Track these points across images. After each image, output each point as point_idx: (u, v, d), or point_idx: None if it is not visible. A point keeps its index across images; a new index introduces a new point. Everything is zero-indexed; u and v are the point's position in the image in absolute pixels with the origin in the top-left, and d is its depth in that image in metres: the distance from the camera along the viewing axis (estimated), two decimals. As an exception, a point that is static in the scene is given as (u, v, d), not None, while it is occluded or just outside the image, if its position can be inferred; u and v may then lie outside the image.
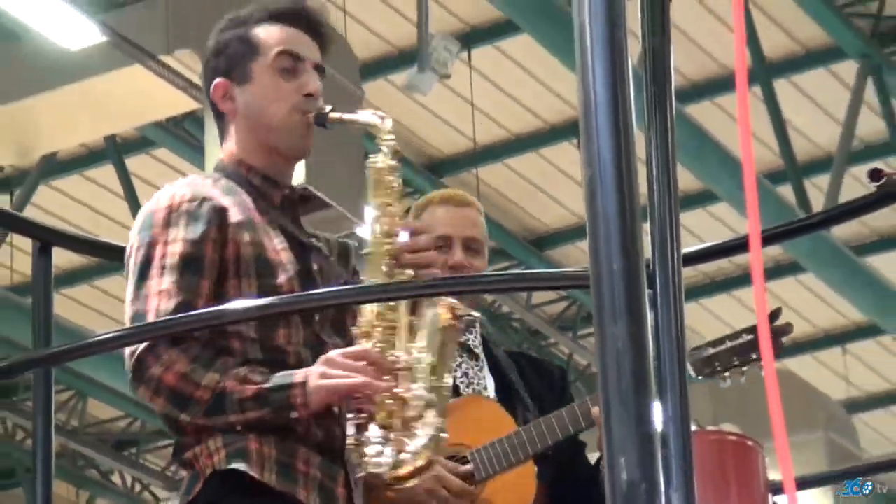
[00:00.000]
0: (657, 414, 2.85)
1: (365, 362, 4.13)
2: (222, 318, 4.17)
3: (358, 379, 4.10)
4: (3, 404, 20.19)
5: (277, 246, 4.38)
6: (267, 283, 4.32)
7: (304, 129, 4.48)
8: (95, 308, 18.25)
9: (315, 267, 4.41)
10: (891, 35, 16.12)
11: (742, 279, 19.15)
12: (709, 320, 19.91)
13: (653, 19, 2.65)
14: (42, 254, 4.94)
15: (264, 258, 4.37)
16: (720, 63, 16.02)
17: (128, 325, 4.30)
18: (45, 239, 5.04)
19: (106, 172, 16.67)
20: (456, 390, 5.14)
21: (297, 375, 4.16)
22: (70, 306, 17.65)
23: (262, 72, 4.52)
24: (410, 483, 4.40)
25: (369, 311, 4.42)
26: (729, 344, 5.03)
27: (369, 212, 4.57)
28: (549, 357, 18.34)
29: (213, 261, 4.31)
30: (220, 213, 4.36)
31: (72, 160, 16.35)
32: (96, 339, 4.71)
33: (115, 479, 21.67)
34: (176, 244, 4.29)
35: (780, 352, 5.16)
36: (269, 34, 4.55)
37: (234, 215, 4.38)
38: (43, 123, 13.18)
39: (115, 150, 16.60)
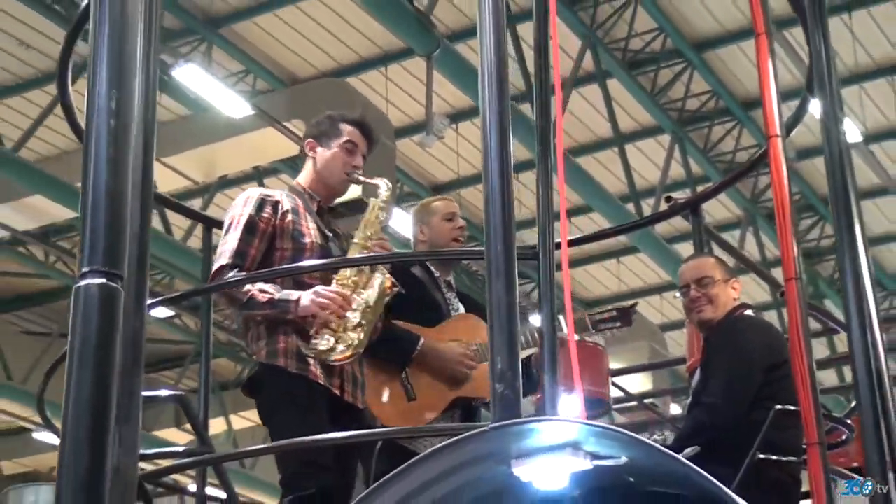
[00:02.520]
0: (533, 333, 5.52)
1: (331, 294, 5.20)
2: (276, 273, 5.25)
3: (323, 302, 5.16)
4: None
5: (309, 226, 5.46)
6: (298, 245, 5.38)
7: (345, 185, 5.74)
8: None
9: (329, 241, 5.50)
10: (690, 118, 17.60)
11: (627, 250, 19.66)
12: (593, 283, 21.32)
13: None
14: (207, 232, 6.49)
15: (298, 230, 5.41)
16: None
17: (217, 258, 5.32)
18: (209, 223, 6.66)
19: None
20: (445, 309, 6.14)
21: (294, 295, 5.18)
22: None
23: (336, 147, 5.65)
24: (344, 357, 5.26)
25: (348, 273, 5.45)
26: (607, 314, 6.19)
27: (362, 224, 5.64)
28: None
29: (263, 229, 5.32)
30: (275, 203, 5.41)
31: (235, 179, 17.82)
32: (224, 281, 5.17)
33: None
34: (244, 216, 5.31)
35: (631, 320, 6.21)
36: (345, 128, 5.67)
37: (285, 206, 5.43)
38: (218, 158, 15.43)
39: (258, 174, 17.90)
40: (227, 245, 5.26)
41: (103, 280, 2.13)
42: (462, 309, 6.11)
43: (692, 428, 5.89)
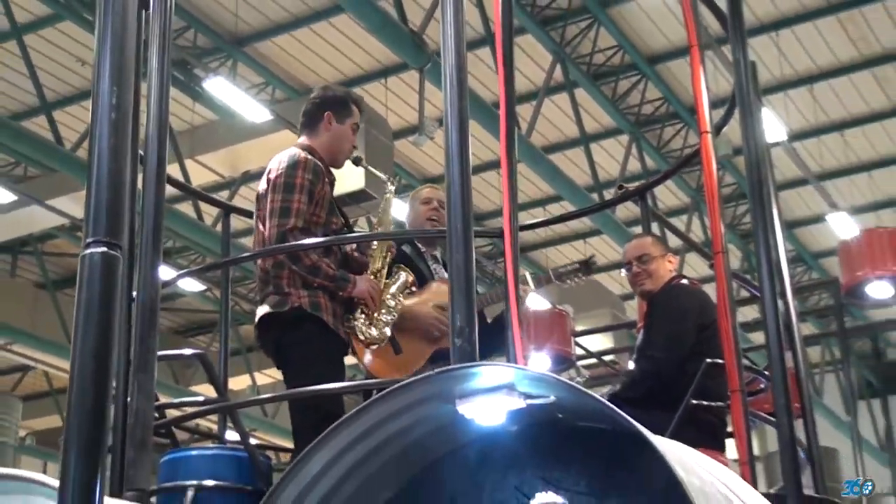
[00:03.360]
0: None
1: (377, 286, 5.36)
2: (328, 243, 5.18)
3: (372, 291, 5.31)
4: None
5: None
6: (330, 212, 5.36)
7: (344, 162, 5.67)
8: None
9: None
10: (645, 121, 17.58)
11: (592, 232, 19.66)
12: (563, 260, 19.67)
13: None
14: (226, 217, 6.33)
15: (330, 200, 5.40)
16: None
17: (277, 212, 5.15)
18: (229, 209, 6.55)
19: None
20: (430, 277, 6.12)
21: (352, 277, 5.26)
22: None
23: (347, 124, 5.56)
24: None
25: (378, 266, 5.58)
26: (569, 267, 6.17)
27: (381, 215, 5.92)
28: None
29: (317, 197, 5.24)
30: (321, 173, 5.30)
31: (257, 173, 14.99)
32: (266, 250, 5.25)
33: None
34: (306, 182, 5.18)
35: (591, 269, 6.21)
36: (355, 110, 5.62)
37: (326, 176, 5.36)
38: (241, 156, 15.30)
39: None
40: (292, 204, 5.14)
41: (105, 249, 2.12)
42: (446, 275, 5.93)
43: (637, 376, 6.02)
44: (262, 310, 5.19)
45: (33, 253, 18.88)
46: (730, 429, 5.53)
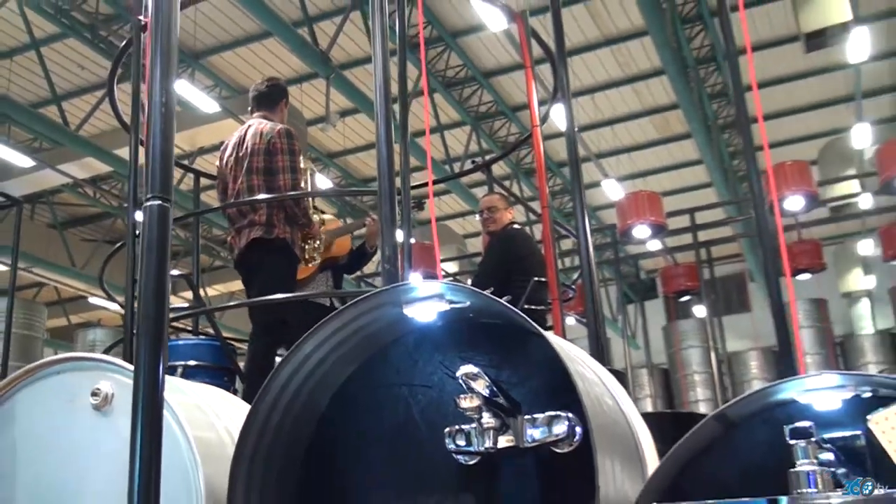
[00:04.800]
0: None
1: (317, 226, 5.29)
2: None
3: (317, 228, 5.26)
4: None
5: None
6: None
7: None
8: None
9: None
10: (482, 116, 18.18)
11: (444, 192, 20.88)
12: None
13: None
14: (196, 178, 6.25)
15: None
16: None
17: (289, 169, 4.98)
18: (198, 174, 6.34)
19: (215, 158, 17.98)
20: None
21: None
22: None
23: (286, 106, 5.39)
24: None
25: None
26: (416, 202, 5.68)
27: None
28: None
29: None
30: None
31: (208, 149, 16.24)
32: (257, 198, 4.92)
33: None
34: (298, 151, 5.00)
35: (422, 208, 5.93)
36: (288, 101, 5.42)
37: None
38: (197, 136, 14.65)
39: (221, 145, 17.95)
40: (297, 164, 5.00)
41: (160, 202, 2.10)
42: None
43: (476, 284, 5.98)
44: (255, 234, 4.92)
45: (46, 203, 18.57)
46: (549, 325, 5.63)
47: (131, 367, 2.27)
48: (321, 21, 14.02)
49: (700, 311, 17.82)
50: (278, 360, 4.79)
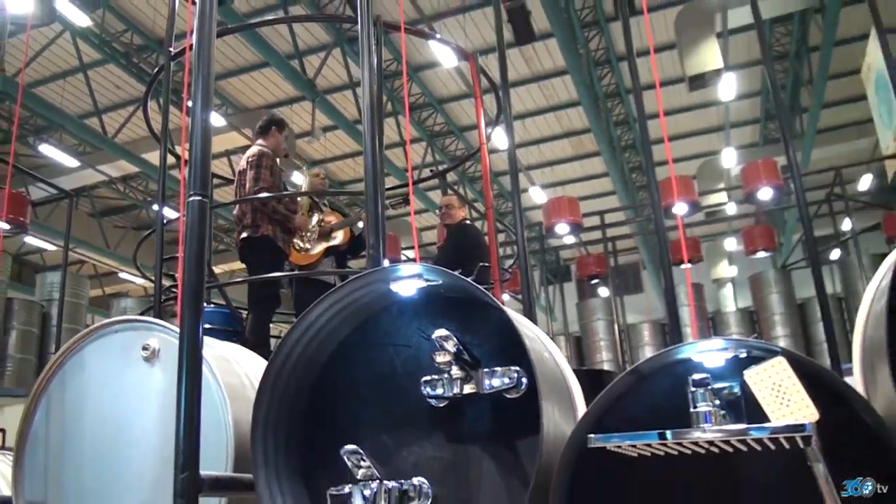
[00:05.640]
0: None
1: (303, 221, 5.24)
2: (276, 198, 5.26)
3: (301, 223, 5.19)
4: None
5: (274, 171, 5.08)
6: (277, 185, 5.10)
7: (281, 153, 5.32)
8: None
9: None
10: (436, 134, 16.83)
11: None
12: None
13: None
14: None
15: (278, 175, 5.13)
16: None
17: (253, 180, 4.96)
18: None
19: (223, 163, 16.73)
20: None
21: (294, 216, 5.10)
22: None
23: (281, 135, 5.39)
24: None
25: (304, 209, 5.45)
26: (395, 201, 5.58)
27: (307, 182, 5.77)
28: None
29: (270, 176, 5.02)
30: (272, 159, 5.10)
31: (215, 155, 15.39)
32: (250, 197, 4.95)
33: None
34: (267, 168, 5.02)
35: (407, 204, 5.44)
36: (284, 127, 5.44)
37: (273, 161, 5.12)
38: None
39: (226, 153, 16.45)
40: (261, 175, 5.03)
41: (200, 198, 2.09)
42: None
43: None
44: (244, 234, 5.05)
45: (87, 196, 18.22)
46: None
47: (173, 327, 2.27)
48: (309, 55, 13.89)
49: (605, 291, 18.04)
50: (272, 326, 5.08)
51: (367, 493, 1.93)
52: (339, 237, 5.69)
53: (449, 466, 1.99)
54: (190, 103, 2.22)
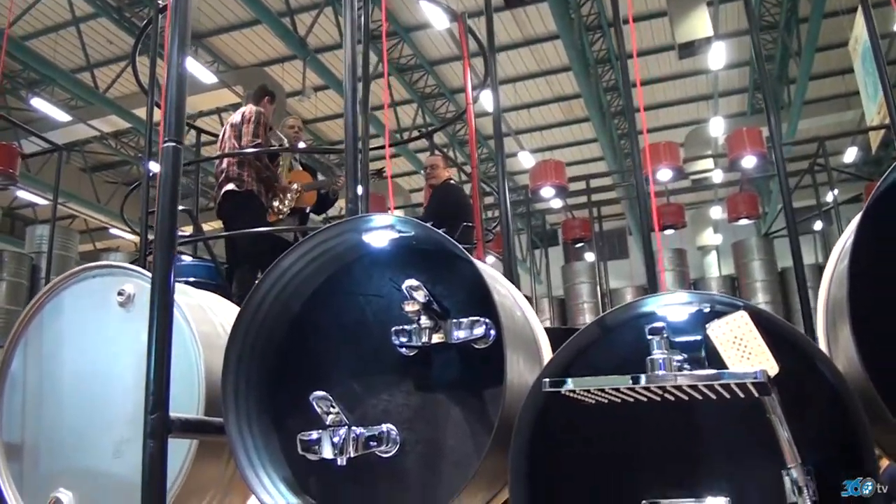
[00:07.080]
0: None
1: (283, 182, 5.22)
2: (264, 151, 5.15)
3: (283, 183, 5.18)
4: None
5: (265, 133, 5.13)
6: (268, 142, 5.18)
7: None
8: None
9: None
10: (428, 95, 16.65)
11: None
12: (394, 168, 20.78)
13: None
14: (198, 134, 6.55)
15: (267, 135, 5.18)
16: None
17: (251, 134, 5.03)
18: (199, 130, 6.43)
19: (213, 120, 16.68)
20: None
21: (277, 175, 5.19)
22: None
23: (271, 108, 5.44)
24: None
25: (286, 167, 5.47)
26: (372, 172, 4.99)
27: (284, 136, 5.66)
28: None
29: (265, 136, 5.09)
30: (266, 119, 5.16)
31: (207, 112, 16.09)
32: (239, 150, 5.00)
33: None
34: (264, 128, 5.06)
35: (381, 176, 5.36)
36: (275, 97, 5.56)
37: (266, 122, 5.16)
38: (198, 102, 13.97)
39: (217, 111, 16.43)
40: (259, 131, 5.05)
41: (174, 144, 2.08)
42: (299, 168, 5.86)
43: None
44: (228, 187, 5.01)
45: (79, 151, 17.92)
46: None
47: (149, 273, 2.26)
48: (301, 13, 13.70)
49: (590, 256, 18.02)
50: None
51: (335, 439, 1.93)
52: (310, 200, 5.72)
53: (417, 414, 2.00)
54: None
